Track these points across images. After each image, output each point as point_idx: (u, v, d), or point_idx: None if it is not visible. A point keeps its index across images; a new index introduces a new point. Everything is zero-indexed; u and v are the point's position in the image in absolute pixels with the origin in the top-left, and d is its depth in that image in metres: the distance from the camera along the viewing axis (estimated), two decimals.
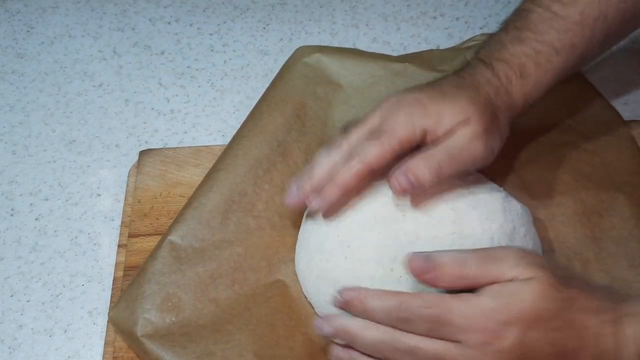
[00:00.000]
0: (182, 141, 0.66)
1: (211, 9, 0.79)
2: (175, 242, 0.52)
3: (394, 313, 0.42)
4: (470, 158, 0.48)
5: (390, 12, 0.79)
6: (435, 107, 0.48)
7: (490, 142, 0.49)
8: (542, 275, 0.41)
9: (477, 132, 0.48)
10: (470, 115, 0.48)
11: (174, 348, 0.47)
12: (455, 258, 0.42)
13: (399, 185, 0.46)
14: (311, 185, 0.49)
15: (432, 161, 0.47)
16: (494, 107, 0.50)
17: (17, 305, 0.55)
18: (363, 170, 0.47)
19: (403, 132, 0.47)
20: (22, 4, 0.80)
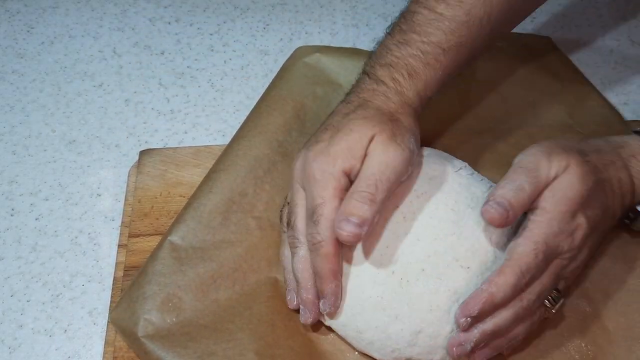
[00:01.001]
0: (182, 141, 0.66)
1: (211, 9, 0.79)
2: (175, 242, 0.52)
3: (522, 281, 0.45)
4: (394, 171, 0.47)
5: (390, 12, 0.79)
6: (339, 146, 0.48)
7: (404, 145, 0.48)
8: (571, 158, 0.47)
9: (385, 143, 0.47)
10: (371, 132, 0.48)
11: (174, 348, 0.47)
12: (514, 188, 0.46)
13: (348, 235, 0.45)
14: (311, 295, 0.48)
15: (363, 194, 0.46)
16: (388, 113, 0.50)
17: (17, 305, 0.55)
18: (333, 250, 0.47)
19: (330, 190, 0.47)
20: (23, 4, 0.80)
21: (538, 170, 0.46)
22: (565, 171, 0.46)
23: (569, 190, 0.46)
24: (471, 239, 0.48)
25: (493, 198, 0.45)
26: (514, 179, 0.46)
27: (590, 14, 0.79)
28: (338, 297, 0.48)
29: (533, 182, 0.46)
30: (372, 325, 0.47)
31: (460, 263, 0.47)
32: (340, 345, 0.50)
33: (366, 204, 0.45)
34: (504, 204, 0.45)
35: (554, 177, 0.46)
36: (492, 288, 0.44)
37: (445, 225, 0.48)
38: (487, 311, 0.45)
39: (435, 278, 0.47)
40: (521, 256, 0.45)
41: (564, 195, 0.46)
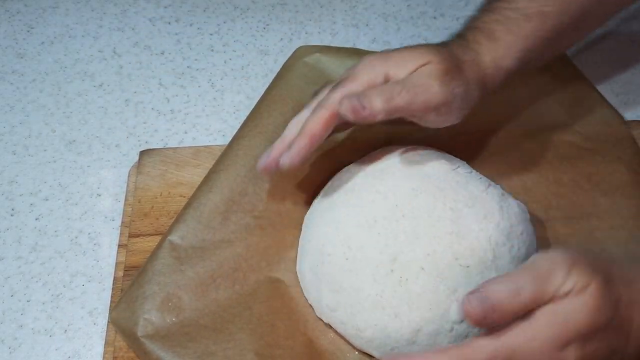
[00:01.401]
0: (182, 141, 0.66)
1: (211, 9, 0.79)
2: (175, 242, 0.52)
3: None
4: (425, 92, 0.47)
5: (391, 12, 0.79)
6: (398, 55, 0.49)
7: (449, 85, 0.48)
8: (594, 280, 0.39)
9: (435, 71, 0.48)
10: (432, 57, 0.48)
11: (174, 348, 0.47)
12: (510, 290, 0.39)
13: (349, 105, 0.45)
14: (282, 146, 0.49)
15: (385, 91, 0.47)
16: (459, 60, 0.50)
17: (17, 305, 0.55)
18: (328, 116, 0.47)
19: (364, 77, 0.48)
20: (22, 4, 0.80)
21: (549, 280, 0.39)
22: (580, 294, 0.39)
23: (573, 318, 0.39)
24: (470, 238, 0.48)
25: (481, 291, 0.39)
26: (516, 279, 0.39)
27: None
28: (299, 155, 0.47)
29: (537, 290, 0.39)
30: (372, 323, 0.47)
31: (460, 262, 0.47)
32: (340, 344, 0.50)
33: (382, 97, 0.46)
34: (487, 305, 0.38)
35: (566, 294, 0.39)
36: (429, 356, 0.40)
37: (444, 223, 0.48)
38: None
39: (434, 277, 0.47)
40: (474, 350, 0.39)
41: (565, 320, 0.39)
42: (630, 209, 0.56)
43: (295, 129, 0.49)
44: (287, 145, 0.49)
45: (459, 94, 0.49)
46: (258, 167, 0.50)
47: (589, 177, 0.58)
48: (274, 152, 0.49)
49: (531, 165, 0.59)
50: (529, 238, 0.51)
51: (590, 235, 0.55)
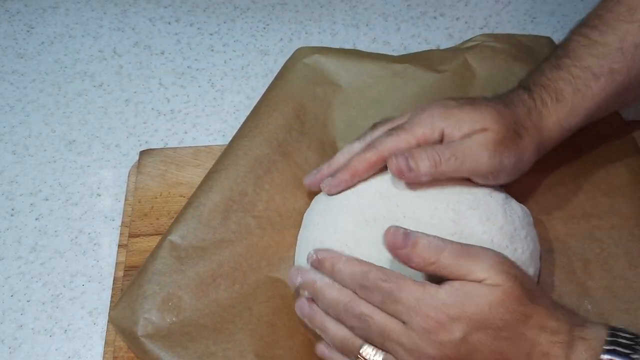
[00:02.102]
0: (182, 141, 0.66)
1: (211, 9, 0.79)
2: (175, 242, 0.52)
3: (357, 279, 0.44)
4: (473, 162, 0.48)
5: (391, 12, 0.79)
6: (458, 112, 0.50)
7: (500, 155, 0.48)
8: (509, 285, 0.41)
9: (489, 141, 0.48)
10: (489, 125, 0.49)
11: (174, 348, 0.47)
12: (434, 244, 0.43)
13: (396, 166, 0.48)
14: (329, 170, 0.53)
15: (435, 154, 0.48)
16: (520, 126, 0.50)
17: (17, 305, 0.55)
18: (375, 159, 0.50)
19: (421, 130, 0.49)
20: (23, 4, 0.80)
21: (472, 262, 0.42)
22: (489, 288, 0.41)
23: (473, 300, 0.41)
24: (472, 240, 0.48)
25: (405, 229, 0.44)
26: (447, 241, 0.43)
27: None
28: (339, 186, 0.51)
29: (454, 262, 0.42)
30: None
31: None
32: None
33: (430, 161, 0.48)
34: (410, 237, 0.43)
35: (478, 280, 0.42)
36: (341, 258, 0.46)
37: (446, 225, 0.48)
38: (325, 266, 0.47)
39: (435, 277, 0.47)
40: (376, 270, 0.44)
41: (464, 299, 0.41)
42: (630, 208, 0.56)
43: (344, 158, 0.52)
44: (333, 170, 0.52)
45: (509, 164, 0.49)
46: (304, 180, 0.55)
47: (589, 177, 0.58)
48: (321, 174, 0.53)
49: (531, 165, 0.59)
50: (532, 242, 0.51)
51: (590, 235, 0.55)
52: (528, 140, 0.50)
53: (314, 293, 0.47)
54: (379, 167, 0.50)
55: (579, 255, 0.54)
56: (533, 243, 0.51)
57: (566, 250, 0.54)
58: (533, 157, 0.51)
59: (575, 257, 0.54)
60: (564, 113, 0.51)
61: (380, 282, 0.43)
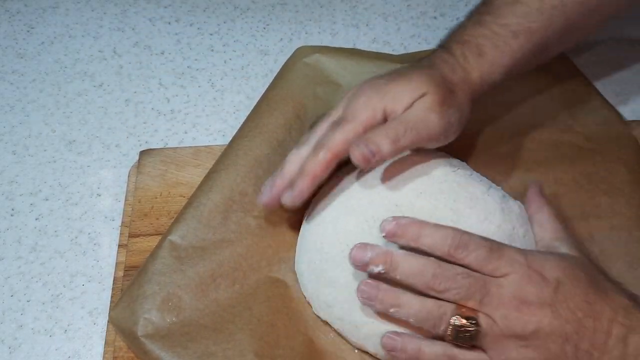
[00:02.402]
0: (182, 141, 0.66)
1: (211, 9, 0.79)
2: (175, 242, 0.52)
3: (453, 240, 0.44)
4: (426, 129, 0.49)
5: (391, 12, 0.79)
6: (393, 87, 0.50)
7: (446, 115, 0.50)
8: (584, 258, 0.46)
9: (432, 104, 0.49)
10: (426, 90, 0.49)
11: (174, 348, 0.47)
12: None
13: (360, 155, 0.47)
14: (282, 182, 0.50)
15: (390, 131, 0.48)
16: (450, 82, 0.51)
17: (17, 305, 0.55)
18: (329, 158, 0.49)
19: (364, 115, 0.49)
20: (23, 4, 0.80)
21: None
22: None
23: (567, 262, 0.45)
24: None
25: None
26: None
27: None
28: (301, 196, 0.49)
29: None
30: (369, 320, 0.47)
31: None
32: (340, 345, 0.50)
33: (388, 140, 0.47)
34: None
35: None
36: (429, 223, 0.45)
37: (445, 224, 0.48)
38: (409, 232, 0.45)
39: None
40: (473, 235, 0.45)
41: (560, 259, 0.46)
42: (630, 209, 0.56)
43: (294, 165, 0.50)
44: (287, 181, 0.50)
45: (455, 121, 0.51)
46: (259, 200, 0.52)
47: (589, 177, 0.58)
48: (276, 188, 0.51)
49: (531, 165, 0.59)
50: (530, 240, 0.51)
51: (589, 236, 0.55)
52: (461, 95, 0.51)
53: (392, 265, 0.44)
54: (334, 165, 0.50)
55: None
56: (531, 242, 0.51)
57: None
58: (468, 108, 0.52)
59: None
60: (485, 67, 0.52)
61: (481, 240, 0.44)
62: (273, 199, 0.51)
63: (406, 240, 0.45)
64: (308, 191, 0.49)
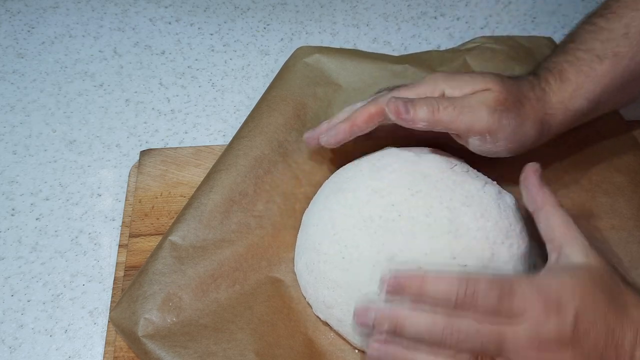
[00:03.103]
0: (182, 141, 0.66)
1: (212, 9, 0.79)
2: (176, 242, 0.52)
3: (460, 295, 0.40)
4: (470, 115, 0.48)
5: (391, 12, 0.79)
6: (461, 76, 0.51)
7: (500, 116, 0.49)
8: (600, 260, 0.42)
9: (489, 99, 0.49)
10: (492, 86, 0.49)
11: (175, 348, 0.47)
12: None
13: (394, 105, 0.48)
14: (328, 125, 0.53)
15: (433, 101, 0.48)
16: (523, 95, 0.50)
17: (17, 305, 0.55)
18: (374, 112, 0.50)
19: (423, 88, 0.50)
20: (23, 4, 0.80)
21: None
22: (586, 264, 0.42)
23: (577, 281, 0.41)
24: (467, 237, 0.48)
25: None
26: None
27: None
28: (337, 138, 0.52)
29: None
30: None
31: (458, 261, 0.47)
32: (340, 345, 0.50)
33: (428, 107, 0.48)
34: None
35: None
36: (430, 274, 0.41)
37: (441, 223, 0.48)
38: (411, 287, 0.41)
39: None
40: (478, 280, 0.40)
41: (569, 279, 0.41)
42: (630, 209, 0.56)
43: (344, 115, 0.53)
44: (332, 125, 0.53)
45: (508, 126, 0.49)
46: (304, 136, 0.55)
47: (589, 176, 0.58)
48: (320, 129, 0.54)
49: None
50: (527, 236, 0.51)
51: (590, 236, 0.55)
52: (530, 110, 0.50)
53: (398, 325, 0.41)
54: (378, 120, 0.50)
55: None
56: (528, 237, 0.51)
57: None
58: (534, 130, 0.51)
59: None
60: (567, 93, 0.51)
61: (489, 281, 0.40)
62: (314, 136, 0.54)
63: (409, 295, 0.41)
64: (344, 134, 0.51)
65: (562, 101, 0.51)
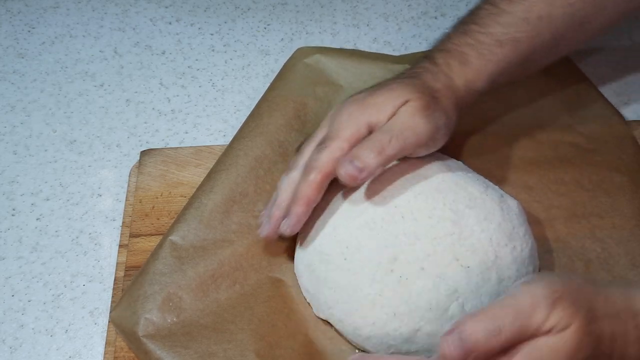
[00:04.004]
0: (183, 141, 0.66)
1: (212, 9, 0.79)
2: (176, 242, 0.52)
3: None
4: (413, 135, 0.48)
5: (391, 12, 0.79)
6: (375, 99, 0.50)
7: (433, 119, 0.49)
8: (576, 320, 0.38)
9: (416, 109, 0.48)
10: (409, 97, 0.49)
11: (175, 348, 0.47)
12: (490, 330, 0.38)
13: (346, 174, 0.46)
14: (279, 212, 0.50)
15: (375, 143, 0.47)
16: (433, 89, 0.51)
17: (18, 305, 0.55)
18: (320, 179, 0.48)
19: (347, 131, 0.49)
20: (23, 4, 0.80)
21: (531, 317, 0.38)
22: (561, 333, 0.38)
23: (554, 355, 0.38)
24: (471, 239, 0.48)
25: (457, 330, 0.38)
26: (496, 316, 0.38)
27: None
28: (299, 222, 0.49)
29: (517, 329, 0.38)
30: (370, 322, 0.47)
31: (461, 262, 0.47)
32: (340, 345, 0.50)
33: (374, 152, 0.46)
34: (466, 347, 0.37)
35: (547, 331, 0.38)
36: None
37: (445, 224, 0.48)
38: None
39: (434, 276, 0.47)
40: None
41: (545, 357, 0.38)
42: (631, 208, 0.56)
43: (287, 192, 0.50)
44: (283, 210, 0.50)
45: (442, 125, 0.50)
46: (260, 234, 0.51)
47: (590, 176, 0.58)
48: (274, 219, 0.50)
49: (532, 165, 0.59)
50: (531, 239, 0.51)
51: (591, 235, 0.55)
52: (445, 100, 0.51)
53: None
54: (326, 186, 0.49)
55: (580, 254, 0.54)
56: (531, 240, 0.51)
57: (567, 249, 0.54)
58: (455, 115, 0.52)
59: (576, 257, 0.54)
60: (469, 75, 0.52)
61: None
62: (273, 231, 0.50)
63: None
64: (304, 216, 0.49)
65: (465, 84, 0.52)
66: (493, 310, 0.39)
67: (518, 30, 0.53)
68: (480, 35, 0.53)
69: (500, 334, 0.38)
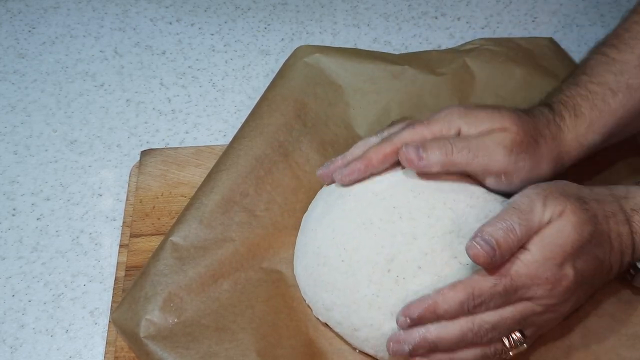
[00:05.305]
0: (183, 141, 0.66)
1: (212, 9, 0.79)
2: (177, 242, 0.52)
3: (470, 302, 0.43)
4: (486, 158, 0.48)
5: (392, 12, 0.79)
6: (478, 112, 0.50)
7: (516, 157, 0.49)
8: (568, 203, 0.44)
9: (506, 140, 0.48)
10: (509, 125, 0.49)
11: (176, 349, 0.47)
12: (505, 229, 0.43)
13: (406, 155, 0.48)
14: (342, 162, 0.52)
15: (447, 144, 0.48)
16: (539, 133, 0.50)
17: (18, 305, 0.55)
18: (389, 151, 0.50)
19: (438, 125, 0.50)
20: (24, 4, 0.80)
21: (532, 212, 0.44)
22: (560, 217, 0.44)
23: (560, 238, 0.43)
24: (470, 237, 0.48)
25: (481, 234, 0.43)
26: (505, 218, 0.43)
27: (592, 13, 0.79)
28: (352, 176, 0.50)
29: (524, 225, 0.43)
30: (367, 323, 0.47)
31: (459, 260, 0.47)
32: (340, 345, 0.50)
33: (441, 150, 0.48)
34: (492, 242, 0.42)
35: (548, 222, 0.44)
36: (438, 297, 0.44)
37: (444, 223, 0.48)
38: (427, 318, 0.44)
39: (432, 275, 0.46)
40: (478, 280, 0.43)
41: (553, 242, 0.43)
42: None
43: (359, 150, 0.52)
44: (346, 162, 0.52)
45: (523, 168, 0.49)
46: (317, 172, 0.54)
47: (590, 176, 0.58)
48: (334, 165, 0.52)
49: None
50: None
51: None
52: (545, 149, 0.50)
53: (434, 344, 0.44)
54: (393, 159, 0.50)
55: None
56: None
57: None
58: (549, 168, 0.51)
59: None
60: (582, 129, 0.51)
61: (494, 288, 0.43)
62: (328, 173, 0.52)
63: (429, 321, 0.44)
64: (359, 173, 0.50)
65: (576, 138, 0.51)
66: (501, 215, 0.44)
67: (631, 77, 0.51)
68: (592, 85, 0.52)
69: (514, 231, 0.43)
